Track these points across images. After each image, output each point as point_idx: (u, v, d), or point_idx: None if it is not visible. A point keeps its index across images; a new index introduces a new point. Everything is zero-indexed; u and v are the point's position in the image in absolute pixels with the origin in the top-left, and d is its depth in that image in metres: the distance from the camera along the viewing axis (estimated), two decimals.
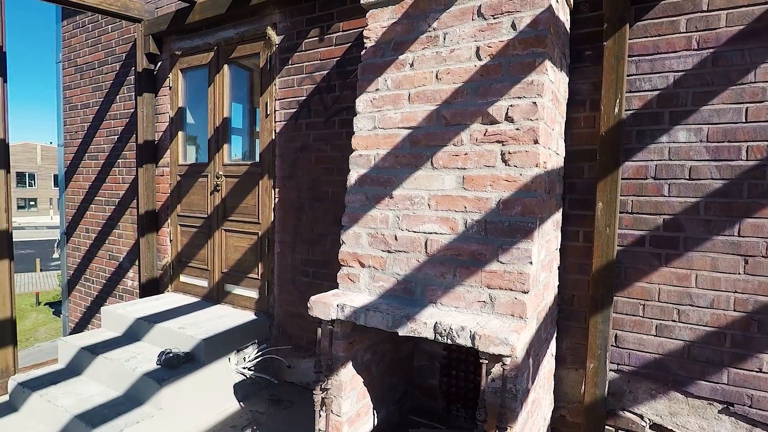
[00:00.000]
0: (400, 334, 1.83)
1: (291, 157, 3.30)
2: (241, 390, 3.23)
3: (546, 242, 2.02)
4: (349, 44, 3.01)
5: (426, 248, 1.98)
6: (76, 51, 4.96)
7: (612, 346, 2.34)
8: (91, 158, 4.84)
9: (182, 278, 4.11)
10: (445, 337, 1.71)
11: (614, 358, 2.35)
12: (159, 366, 2.96)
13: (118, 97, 4.50)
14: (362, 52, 2.22)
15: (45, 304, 18.76)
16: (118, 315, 3.59)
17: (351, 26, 3.01)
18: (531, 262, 1.76)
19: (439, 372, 2.58)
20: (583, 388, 2.37)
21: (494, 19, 1.90)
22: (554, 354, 2.46)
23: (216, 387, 3.08)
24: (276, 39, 3.35)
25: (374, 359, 2.34)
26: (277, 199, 3.40)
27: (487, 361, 1.65)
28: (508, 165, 1.83)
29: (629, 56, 2.23)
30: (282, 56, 3.34)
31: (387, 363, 2.45)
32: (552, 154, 2.03)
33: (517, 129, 1.82)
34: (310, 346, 3.29)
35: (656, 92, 2.19)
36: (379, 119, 2.13)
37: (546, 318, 2.14)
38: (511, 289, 1.79)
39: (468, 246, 1.89)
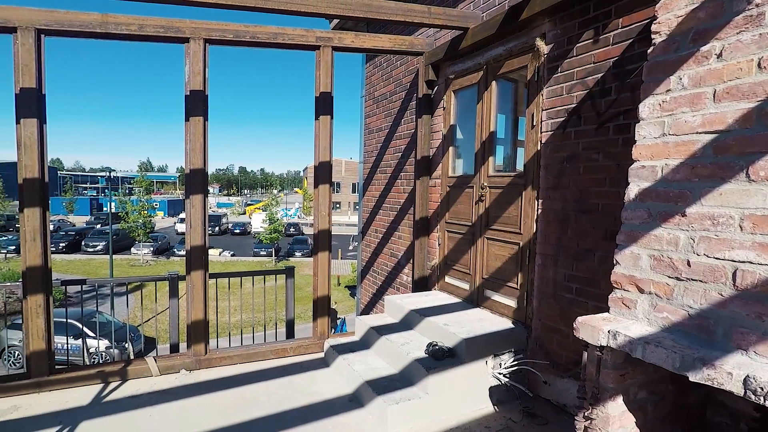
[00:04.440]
0: (690, 379, 1.54)
1: (557, 168, 3.20)
2: (495, 394, 3.33)
3: None
4: (630, 41, 2.70)
5: (734, 280, 1.60)
6: (374, 85, 6.14)
7: None
8: (381, 172, 5.90)
9: (447, 279, 4.54)
10: (762, 398, 1.35)
11: None
12: (426, 355, 3.35)
13: (402, 120, 5.34)
14: (649, 50, 1.96)
15: (345, 287, 23.84)
16: (396, 304, 4.26)
17: (632, 20, 2.70)
18: None
19: None
20: None
21: None
22: None
23: (472, 386, 3.28)
24: (545, 49, 3.31)
25: (651, 399, 2.03)
26: (540, 210, 3.35)
27: None
28: None
29: None
30: (550, 65, 3.27)
31: (668, 408, 2.09)
32: None
33: None
34: (569, 366, 3.11)
35: None
36: (670, 124, 1.84)
37: None
38: None
39: None
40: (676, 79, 1.84)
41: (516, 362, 3.38)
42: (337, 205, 65.21)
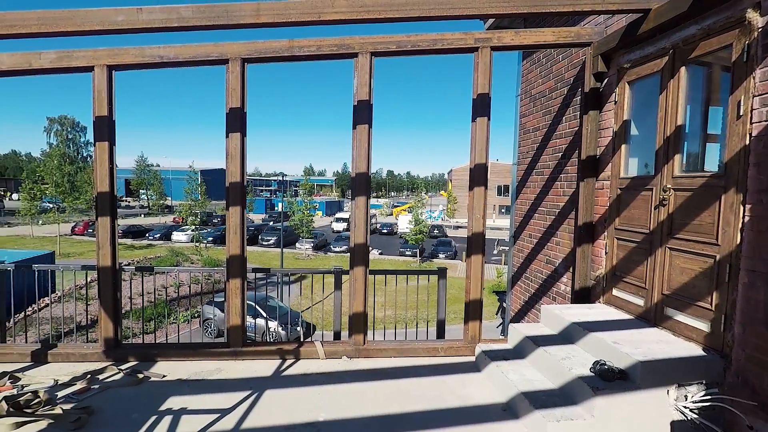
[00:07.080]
0: None
1: None
2: (679, 431, 2.86)
3: None
4: None
5: None
6: (531, 83, 5.85)
7: None
8: (537, 174, 5.59)
9: (615, 292, 4.07)
10: None
11: None
12: (592, 373, 3.06)
13: (563, 118, 4.97)
14: None
15: (492, 292, 23.26)
16: (554, 315, 3.98)
17: None
18: None
19: None
20: None
21: None
22: None
23: (649, 416, 2.88)
24: (759, 21, 2.73)
25: None
26: (747, 218, 2.77)
27: None
28: None
29: None
30: (766, 41, 2.69)
31: None
32: None
33: None
34: None
35: None
36: None
37: None
38: None
39: None
40: None
41: (709, 397, 2.85)
42: None
